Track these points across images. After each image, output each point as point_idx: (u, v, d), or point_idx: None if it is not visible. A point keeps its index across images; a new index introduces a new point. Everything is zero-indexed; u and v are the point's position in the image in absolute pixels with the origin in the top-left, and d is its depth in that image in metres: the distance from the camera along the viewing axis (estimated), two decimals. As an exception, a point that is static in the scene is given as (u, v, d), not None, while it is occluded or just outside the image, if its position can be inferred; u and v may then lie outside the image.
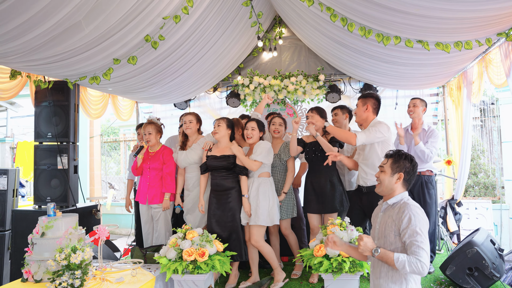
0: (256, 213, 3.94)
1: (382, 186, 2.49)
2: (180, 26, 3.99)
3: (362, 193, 3.81)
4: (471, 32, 3.49)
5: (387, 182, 2.46)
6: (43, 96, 4.59)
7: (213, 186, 4.10)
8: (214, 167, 4.05)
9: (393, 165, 2.47)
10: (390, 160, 2.49)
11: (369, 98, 3.86)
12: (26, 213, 4.44)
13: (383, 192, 2.51)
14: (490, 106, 7.61)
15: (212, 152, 4.12)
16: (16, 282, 3.36)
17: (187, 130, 4.41)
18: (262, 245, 4.03)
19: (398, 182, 2.45)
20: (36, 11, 2.72)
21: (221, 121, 4.10)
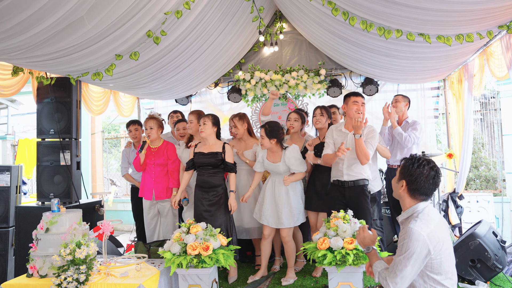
0: (292, 215, 3.99)
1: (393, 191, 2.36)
2: (181, 21, 3.99)
3: (345, 187, 3.82)
4: (472, 25, 3.49)
5: (395, 189, 2.31)
6: (45, 92, 4.60)
7: (200, 183, 4.06)
8: (201, 164, 4.03)
9: (400, 170, 2.28)
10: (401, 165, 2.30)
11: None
12: (29, 210, 4.45)
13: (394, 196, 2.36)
14: (490, 100, 7.61)
15: (199, 149, 4.08)
16: (21, 277, 3.39)
17: (189, 130, 4.47)
18: (291, 240, 4.08)
19: (401, 190, 2.24)
20: (39, 7, 2.72)
21: (206, 119, 4.05)
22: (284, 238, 4.05)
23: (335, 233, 3.27)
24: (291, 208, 4.00)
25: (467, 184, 7.66)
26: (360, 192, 3.79)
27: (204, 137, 4.04)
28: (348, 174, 3.79)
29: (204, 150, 4.03)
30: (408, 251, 2.06)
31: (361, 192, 3.79)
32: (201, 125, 4.03)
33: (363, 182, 3.81)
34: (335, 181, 3.90)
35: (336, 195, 3.87)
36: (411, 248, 2.05)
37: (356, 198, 3.77)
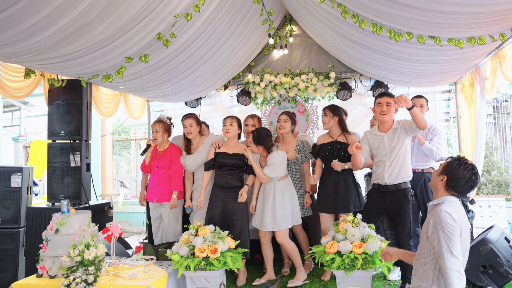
0: (284, 217, 3.97)
1: (431, 180, 2.55)
2: (191, 24, 4.00)
3: (386, 192, 3.72)
4: (484, 27, 3.44)
5: (433, 178, 2.50)
6: (56, 94, 4.65)
7: (221, 184, 4.09)
8: (225, 164, 4.05)
9: (445, 166, 2.45)
10: (448, 160, 2.47)
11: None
12: (40, 210, 4.49)
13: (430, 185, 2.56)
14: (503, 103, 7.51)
15: (222, 149, 4.11)
16: (31, 278, 3.42)
17: (188, 134, 4.43)
18: (288, 242, 4.06)
19: (441, 183, 2.42)
20: (50, 10, 2.75)
21: (234, 120, 4.10)
22: (280, 241, 4.06)
23: (343, 237, 3.25)
24: (274, 212, 3.98)
25: (479, 188, 7.56)
26: (402, 196, 3.67)
27: (229, 137, 4.09)
28: (390, 177, 3.69)
29: (228, 151, 4.05)
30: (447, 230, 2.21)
31: (403, 196, 3.67)
32: (227, 125, 4.06)
33: (406, 185, 3.70)
34: (375, 185, 3.83)
35: (375, 200, 3.79)
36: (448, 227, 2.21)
37: (397, 203, 3.66)
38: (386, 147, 3.72)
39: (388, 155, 3.71)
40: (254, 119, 4.61)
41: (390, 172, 3.68)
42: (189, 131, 4.42)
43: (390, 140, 3.72)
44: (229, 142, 4.14)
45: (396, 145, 3.70)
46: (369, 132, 3.94)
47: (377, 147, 3.80)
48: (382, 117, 3.73)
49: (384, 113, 3.72)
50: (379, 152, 3.79)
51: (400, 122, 3.74)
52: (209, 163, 4.15)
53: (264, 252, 4.16)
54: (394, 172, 3.68)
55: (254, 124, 4.50)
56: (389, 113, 3.75)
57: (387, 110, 3.73)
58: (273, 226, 3.98)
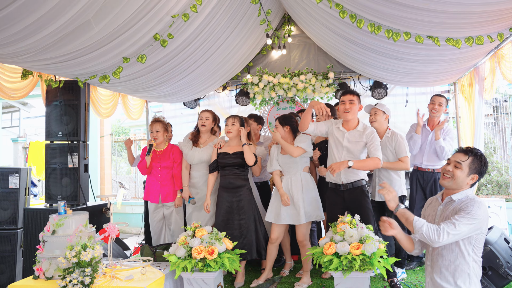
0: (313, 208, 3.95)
1: (453, 183, 2.42)
2: (189, 24, 3.99)
3: (342, 190, 3.77)
4: (482, 27, 3.43)
5: (461, 180, 2.40)
6: (54, 95, 4.63)
7: (224, 185, 4.08)
8: (227, 164, 4.03)
9: (471, 165, 2.39)
10: (471, 158, 2.39)
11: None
12: (37, 211, 4.48)
13: (450, 187, 2.45)
14: (503, 104, 7.49)
15: (223, 149, 4.09)
16: (28, 279, 3.40)
17: (201, 127, 4.40)
18: (308, 244, 4.03)
19: (470, 183, 2.41)
20: (46, 11, 2.74)
21: (235, 119, 4.09)
22: (301, 242, 4.01)
23: (341, 238, 3.22)
24: (305, 204, 3.94)
25: (479, 189, 7.54)
26: (360, 193, 3.74)
27: (231, 137, 4.07)
28: (347, 176, 3.74)
29: (229, 151, 4.04)
30: (472, 212, 2.26)
31: (360, 193, 3.74)
32: (228, 125, 4.04)
33: (361, 182, 3.76)
34: (332, 185, 3.86)
35: (335, 200, 3.83)
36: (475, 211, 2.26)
37: (357, 201, 3.72)
38: (344, 145, 3.75)
39: (345, 155, 3.73)
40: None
41: (346, 171, 3.71)
42: (203, 123, 4.39)
43: (350, 141, 3.74)
44: (230, 142, 4.12)
45: (355, 148, 3.74)
46: (334, 122, 3.94)
47: (336, 140, 3.80)
48: (345, 115, 3.76)
49: (347, 111, 3.74)
50: (337, 147, 3.80)
51: (366, 131, 3.73)
52: (212, 164, 4.14)
53: (269, 252, 4.13)
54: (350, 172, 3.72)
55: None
56: (352, 111, 3.75)
57: (349, 108, 3.74)
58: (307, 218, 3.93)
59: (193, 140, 4.45)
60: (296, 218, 3.94)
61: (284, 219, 3.96)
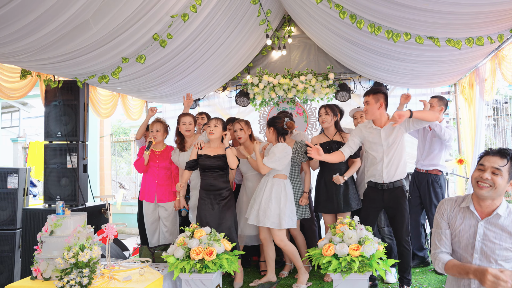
0: (266, 214, 3.88)
1: (494, 192, 2.10)
2: (188, 24, 3.98)
3: (384, 190, 3.69)
4: (483, 28, 3.42)
5: (502, 188, 2.09)
6: (53, 95, 4.62)
7: (205, 186, 4.01)
8: (207, 167, 3.98)
9: (510, 169, 2.10)
10: (510, 163, 2.10)
11: (380, 94, 3.64)
12: (36, 212, 4.47)
13: (490, 197, 2.13)
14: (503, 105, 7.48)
15: (204, 151, 4.03)
16: (25, 280, 3.39)
17: (186, 132, 4.38)
18: (287, 244, 4.00)
19: (510, 189, 2.13)
20: (44, 10, 2.73)
21: (218, 122, 4.03)
22: (278, 244, 3.98)
23: (340, 240, 3.21)
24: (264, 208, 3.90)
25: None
26: (400, 193, 3.67)
27: (212, 139, 4.02)
28: (388, 175, 3.65)
29: (210, 153, 3.99)
30: None
31: (400, 194, 3.67)
32: (211, 126, 4.01)
33: (402, 182, 3.70)
34: (371, 183, 3.78)
35: (374, 198, 3.75)
36: None
37: (395, 200, 3.66)
38: (383, 143, 3.65)
39: (386, 151, 3.64)
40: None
41: (388, 169, 3.64)
42: (187, 129, 4.37)
43: (387, 135, 3.63)
44: (212, 143, 4.05)
45: (394, 141, 3.63)
46: (364, 125, 3.81)
47: (372, 141, 3.70)
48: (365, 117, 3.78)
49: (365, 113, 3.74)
50: (375, 148, 3.69)
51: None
52: (190, 163, 4.04)
53: (265, 253, 4.12)
54: (391, 169, 3.64)
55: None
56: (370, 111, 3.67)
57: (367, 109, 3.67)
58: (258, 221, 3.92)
59: (180, 147, 4.44)
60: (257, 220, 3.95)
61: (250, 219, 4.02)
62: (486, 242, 2.13)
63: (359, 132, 3.78)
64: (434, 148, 4.52)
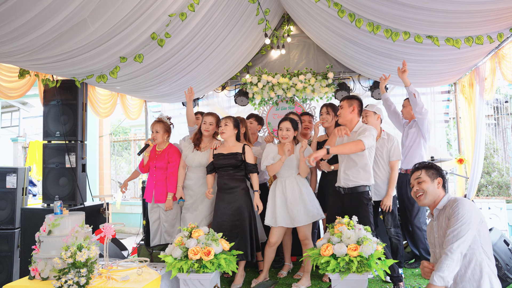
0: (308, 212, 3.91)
1: (428, 196, 2.60)
2: (186, 23, 3.97)
3: (342, 194, 3.70)
4: (482, 27, 3.40)
5: (431, 189, 2.59)
6: (51, 95, 4.62)
7: (220, 186, 4.06)
8: (221, 165, 4.00)
9: (428, 173, 2.62)
10: (423, 170, 2.64)
11: (354, 100, 3.73)
12: (35, 211, 4.46)
13: (429, 201, 2.61)
14: (504, 104, 7.45)
15: (218, 150, 4.06)
16: (23, 280, 3.38)
17: (205, 132, 4.30)
18: (310, 243, 4.02)
19: (439, 186, 2.59)
20: (41, 9, 2.72)
21: (228, 120, 4.05)
22: (303, 241, 3.99)
23: (339, 240, 3.19)
24: (305, 205, 3.92)
25: (479, 190, 7.50)
26: (357, 199, 3.63)
27: (224, 138, 4.02)
28: (345, 180, 3.66)
29: (224, 151, 4.01)
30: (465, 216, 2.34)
31: (358, 200, 3.63)
32: (222, 126, 4.01)
33: (363, 188, 3.63)
34: (336, 187, 3.81)
35: (334, 202, 3.79)
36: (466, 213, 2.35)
37: (354, 207, 3.62)
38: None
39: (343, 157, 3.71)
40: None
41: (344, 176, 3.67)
42: (206, 129, 4.29)
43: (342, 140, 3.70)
44: (225, 142, 4.08)
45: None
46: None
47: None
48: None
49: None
50: None
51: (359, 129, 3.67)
52: (209, 166, 4.11)
53: (267, 255, 4.10)
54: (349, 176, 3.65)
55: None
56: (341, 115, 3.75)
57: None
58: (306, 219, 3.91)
59: (195, 143, 4.40)
60: (290, 221, 3.92)
61: (280, 222, 3.93)
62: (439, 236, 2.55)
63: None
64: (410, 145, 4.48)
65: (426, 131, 4.40)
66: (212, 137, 4.41)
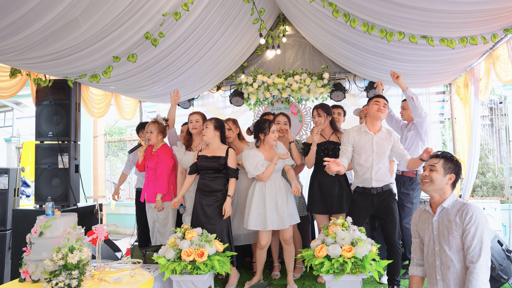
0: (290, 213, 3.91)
1: (433, 185, 2.51)
2: (180, 23, 3.94)
3: (373, 194, 3.68)
4: (476, 27, 3.40)
5: (439, 181, 2.49)
6: (44, 95, 4.57)
7: (200, 187, 3.98)
8: (203, 167, 3.95)
9: (445, 165, 2.51)
10: (442, 160, 2.52)
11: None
12: (26, 213, 4.41)
13: (432, 191, 2.53)
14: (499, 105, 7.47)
15: (203, 152, 4.01)
16: (13, 282, 3.33)
17: (193, 130, 4.32)
18: (292, 243, 4.02)
19: (449, 183, 2.49)
20: (31, 7, 2.68)
21: (209, 122, 3.99)
22: (287, 241, 3.96)
23: (333, 241, 3.18)
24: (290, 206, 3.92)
25: (474, 190, 7.51)
26: (388, 196, 3.69)
27: (206, 140, 3.99)
28: (377, 180, 3.66)
29: (208, 154, 3.97)
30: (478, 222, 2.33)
31: (389, 196, 3.69)
32: (203, 128, 3.98)
33: (390, 186, 3.73)
34: (359, 189, 3.76)
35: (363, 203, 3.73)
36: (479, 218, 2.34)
37: (385, 203, 3.66)
38: (375, 149, 3.67)
39: (375, 159, 3.66)
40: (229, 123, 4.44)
41: (378, 177, 3.66)
42: (194, 126, 4.30)
43: (379, 143, 3.68)
44: (210, 145, 4.04)
45: (385, 149, 3.69)
46: (355, 129, 3.81)
47: (363, 145, 3.69)
48: (379, 114, 3.68)
49: (381, 111, 3.69)
50: (364, 153, 3.70)
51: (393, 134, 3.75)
52: (192, 166, 4.05)
53: (259, 257, 4.07)
54: (381, 176, 3.66)
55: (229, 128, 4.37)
56: (384, 113, 3.73)
57: (383, 110, 3.71)
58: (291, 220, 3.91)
59: (186, 145, 4.39)
60: (281, 223, 3.87)
61: (270, 225, 3.87)
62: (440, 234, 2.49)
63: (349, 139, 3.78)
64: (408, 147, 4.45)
65: (425, 133, 4.38)
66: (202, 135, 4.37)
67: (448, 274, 2.42)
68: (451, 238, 2.41)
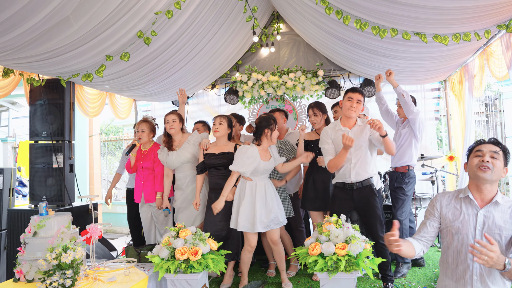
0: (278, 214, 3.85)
1: (492, 174, 2.15)
2: (173, 21, 3.93)
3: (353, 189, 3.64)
4: (469, 24, 3.40)
5: (498, 172, 2.17)
6: (37, 94, 4.56)
7: (212, 185, 4.01)
8: (212, 165, 3.95)
9: (504, 157, 2.22)
10: (502, 152, 2.21)
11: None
12: (21, 212, 4.41)
13: (489, 181, 2.17)
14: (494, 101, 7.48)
15: (209, 150, 4.01)
16: (8, 282, 3.32)
17: (171, 130, 4.25)
18: (280, 243, 3.97)
19: (503, 175, 2.20)
20: (21, 7, 2.67)
21: (223, 119, 3.99)
22: (276, 241, 3.90)
23: (327, 238, 3.17)
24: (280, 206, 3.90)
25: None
26: (369, 191, 3.63)
27: (217, 137, 3.98)
28: (356, 174, 3.59)
29: (215, 151, 3.96)
30: None
31: (370, 192, 3.63)
32: (216, 124, 3.96)
33: (370, 181, 3.64)
34: (339, 184, 3.71)
35: (343, 199, 3.68)
36: None
37: (365, 199, 3.61)
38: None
39: (353, 152, 3.59)
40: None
41: (356, 170, 3.59)
42: (171, 127, 4.25)
43: (355, 137, 3.53)
44: (217, 141, 4.03)
45: (363, 142, 3.59)
46: (331, 127, 3.76)
47: (339, 142, 3.57)
48: (350, 113, 3.58)
49: (353, 109, 3.58)
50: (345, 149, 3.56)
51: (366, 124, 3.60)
52: (199, 166, 4.05)
53: (245, 259, 4.00)
54: (360, 169, 3.59)
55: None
56: (357, 110, 3.61)
57: (356, 107, 3.58)
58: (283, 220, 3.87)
59: (168, 146, 4.33)
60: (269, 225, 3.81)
61: (259, 227, 3.78)
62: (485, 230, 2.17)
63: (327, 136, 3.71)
64: (401, 144, 4.43)
65: (419, 130, 4.34)
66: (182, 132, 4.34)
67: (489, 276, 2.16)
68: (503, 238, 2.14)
